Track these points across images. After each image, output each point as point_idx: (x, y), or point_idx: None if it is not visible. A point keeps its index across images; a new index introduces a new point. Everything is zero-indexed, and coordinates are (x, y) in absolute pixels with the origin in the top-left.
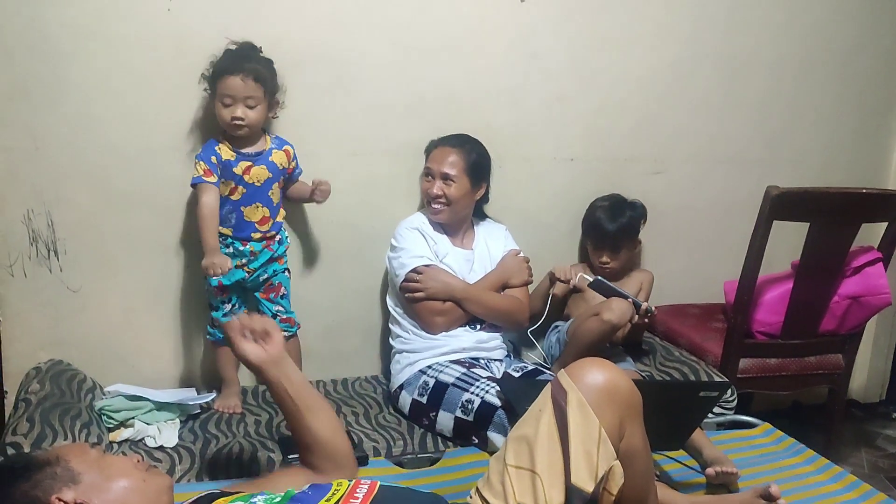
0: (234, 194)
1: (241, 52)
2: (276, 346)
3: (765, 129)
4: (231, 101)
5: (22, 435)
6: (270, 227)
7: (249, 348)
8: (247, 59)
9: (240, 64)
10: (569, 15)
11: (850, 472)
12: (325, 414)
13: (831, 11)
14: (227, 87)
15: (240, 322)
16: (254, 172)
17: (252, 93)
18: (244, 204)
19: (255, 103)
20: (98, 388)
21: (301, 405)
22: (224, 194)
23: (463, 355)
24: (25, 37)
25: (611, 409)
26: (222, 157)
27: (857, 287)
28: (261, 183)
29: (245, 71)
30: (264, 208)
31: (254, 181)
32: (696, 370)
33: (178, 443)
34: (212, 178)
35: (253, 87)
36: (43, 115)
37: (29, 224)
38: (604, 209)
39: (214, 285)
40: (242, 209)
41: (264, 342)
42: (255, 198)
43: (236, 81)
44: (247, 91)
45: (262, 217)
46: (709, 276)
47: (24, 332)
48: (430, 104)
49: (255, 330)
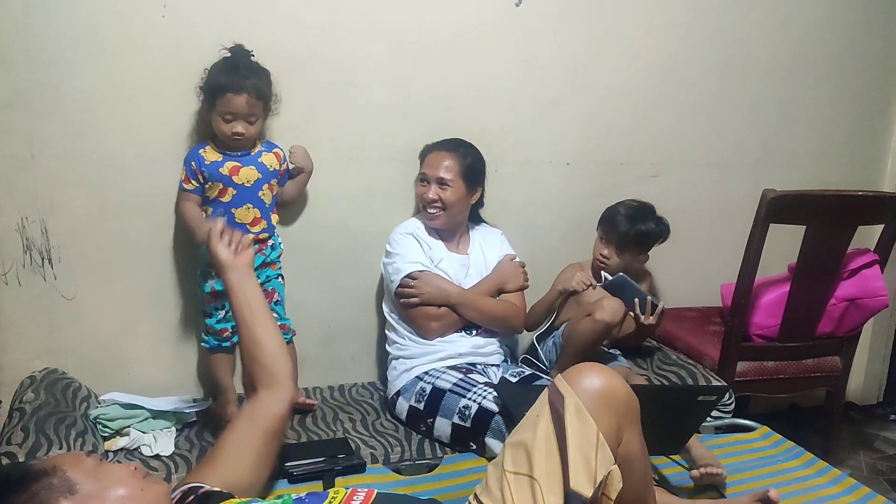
0: (225, 196)
1: (240, 66)
2: (246, 257)
3: (760, 131)
4: (232, 117)
5: (16, 444)
6: (263, 228)
7: (222, 248)
8: (248, 75)
9: (242, 81)
10: (564, 19)
11: (849, 475)
12: (274, 332)
13: (825, 14)
14: (229, 104)
15: (222, 227)
16: (242, 173)
17: (253, 110)
18: (235, 206)
19: (255, 119)
20: (93, 397)
21: (254, 316)
22: (213, 196)
23: (459, 361)
24: (23, 46)
25: (608, 413)
26: (206, 159)
27: (854, 289)
28: (251, 184)
29: (248, 89)
30: (255, 209)
31: (243, 182)
32: (694, 374)
33: (174, 451)
34: (189, 185)
35: (254, 105)
36: (39, 122)
37: (23, 232)
38: (628, 208)
39: (208, 291)
40: (233, 211)
41: (237, 253)
42: (245, 199)
43: (240, 100)
44: (249, 109)
45: (254, 218)
46: (705, 278)
47: (19, 341)
48: (426, 108)
49: (233, 240)
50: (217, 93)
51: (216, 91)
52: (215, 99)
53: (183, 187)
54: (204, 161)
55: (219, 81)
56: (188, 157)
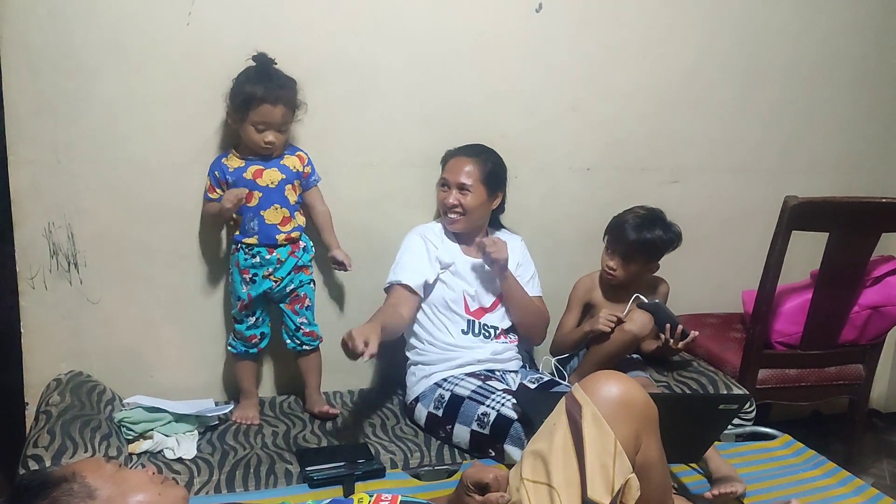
0: (251, 200)
1: (273, 76)
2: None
3: (780, 136)
4: (265, 127)
5: (43, 447)
6: (294, 227)
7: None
8: (280, 86)
9: (278, 92)
10: (583, 25)
11: (872, 485)
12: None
13: (846, 18)
14: (262, 114)
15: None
16: (266, 175)
17: (286, 119)
18: (262, 208)
19: (285, 128)
20: (118, 400)
21: None
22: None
23: (478, 367)
24: (50, 54)
25: (626, 421)
26: (229, 167)
27: (878, 297)
28: (275, 185)
29: (283, 100)
30: (283, 209)
31: (267, 183)
32: (715, 381)
33: (197, 454)
34: (214, 194)
35: (287, 114)
36: (66, 129)
37: (49, 237)
38: (636, 216)
39: (243, 298)
40: (262, 213)
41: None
42: (271, 200)
43: (276, 111)
44: (283, 118)
45: (283, 217)
46: (726, 285)
47: (45, 344)
48: (445, 114)
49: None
50: (252, 104)
51: (251, 101)
52: (248, 109)
53: (208, 197)
54: (227, 169)
55: (254, 92)
56: (212, 167)
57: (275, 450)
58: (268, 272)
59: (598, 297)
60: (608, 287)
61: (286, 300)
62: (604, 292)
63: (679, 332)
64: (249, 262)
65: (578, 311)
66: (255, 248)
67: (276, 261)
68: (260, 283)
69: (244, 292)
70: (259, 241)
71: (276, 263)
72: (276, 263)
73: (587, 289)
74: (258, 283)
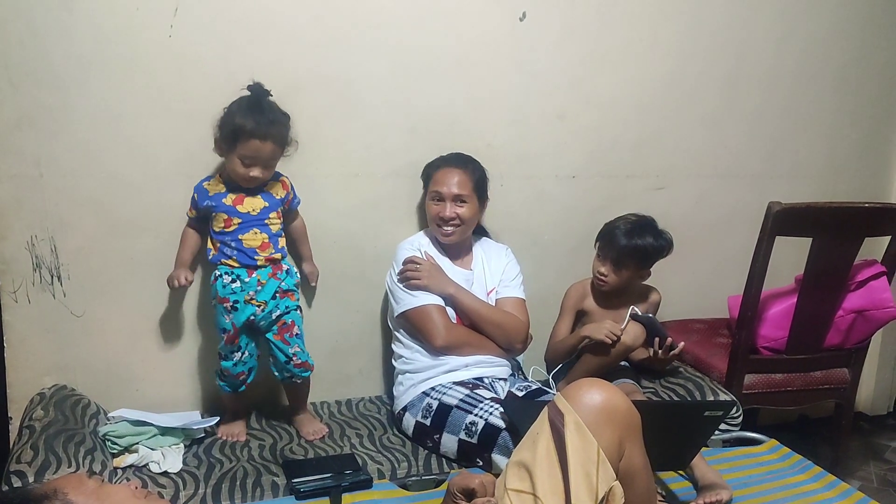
0: (230, 226)
1: (265, 109)
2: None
3: (764, 142)
4: (251, 162)
5: (26, 463)
6: (273, 251)
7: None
8: (271, 121)
9: (266, 129)
10: (567, 33)
11: (859, 489)
12: None
13: (829, 24)
14: (251, 149)
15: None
16: (247, 202)
17: (273, 155)
18: (241, 232)
19: (273, 163)
20: (102, 414)
21: None
22: (220, 228)
23: (467, 374)
24: (30, 67)
25: (609, 429)
26: (209, 192)
27: (862, 301)
28: (256, 212)
29: (272, 137)
30: (263, 234)
31: (248, 210)
32: (702, 386)
33: (183, 468)
34: (191, 213)
35: (274, 150)
36: (48, 143)
37: (32, 250)
38: (627, 223)
39: (228, 329)
40: (241, 237)
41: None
42: (251, 225)
43: (263, 147)
44: (269, 154)
45: (262, 242)
46: (712, 290)
47: (29, 358)
48: (431, 124)
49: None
50: (240, 137)
51: (239, 135)
52: (236, 142)
53: (187, 215)
54: (207, 194)
55: (244, 126)
56: (195, 189)
57: (261, 462)
58: (249, 296)
59: (590, 304)
60: (600, 294)
61: (273, 329)
62: (596, 299)
63: (668, 344)
64: (229, 290)
65: (571, 318)
66: (235, 270)
67: (257, 283)
68: (242, 309)
69: (227, 322)
70: (238, 261)
71: (256, 286)
72: (257, 286)
73: (579, 295)
74: (241, 311)
